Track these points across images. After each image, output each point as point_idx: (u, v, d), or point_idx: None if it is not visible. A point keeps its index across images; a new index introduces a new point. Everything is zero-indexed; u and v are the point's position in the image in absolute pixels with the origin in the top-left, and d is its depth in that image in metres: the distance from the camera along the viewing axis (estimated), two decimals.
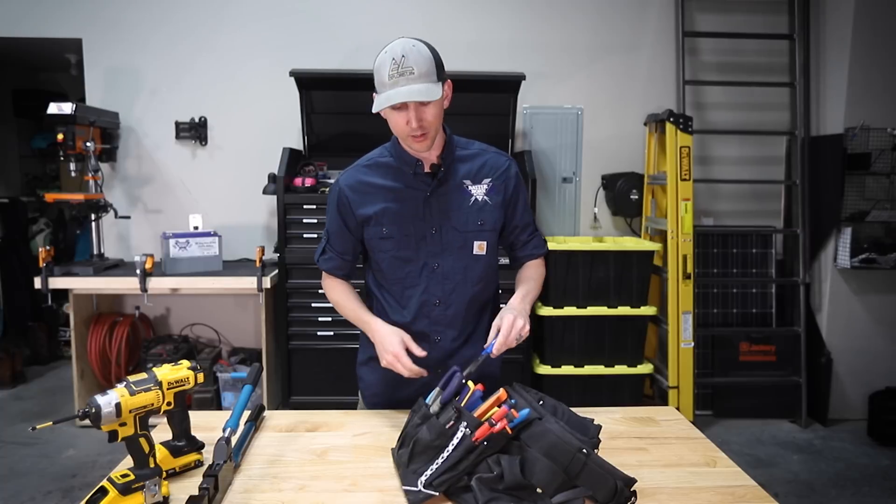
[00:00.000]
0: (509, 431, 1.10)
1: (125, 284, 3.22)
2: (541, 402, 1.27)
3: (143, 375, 1.15)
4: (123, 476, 1.08)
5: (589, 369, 3.27)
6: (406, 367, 1.36)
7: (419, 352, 1.39)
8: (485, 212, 1.47)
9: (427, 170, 1.45)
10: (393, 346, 1.39)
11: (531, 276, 1.57)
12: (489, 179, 1.48)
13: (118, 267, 3.46)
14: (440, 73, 1.35)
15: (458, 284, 1.48)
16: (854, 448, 3.30)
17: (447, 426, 1.12)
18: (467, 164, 1.49)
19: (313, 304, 3.25)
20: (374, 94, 1.36)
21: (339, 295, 1.57)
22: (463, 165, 1.48)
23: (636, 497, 1.10)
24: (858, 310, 3.62)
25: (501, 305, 1.49)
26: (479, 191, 1.47)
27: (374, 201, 1.46)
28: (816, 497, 2.81)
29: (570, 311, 3.22)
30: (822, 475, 3.00)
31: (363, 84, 3.52)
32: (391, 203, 1.46)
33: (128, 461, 1.13)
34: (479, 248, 1.48)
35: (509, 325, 1.36)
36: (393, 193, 1.46)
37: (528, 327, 1.38)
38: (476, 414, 1.14)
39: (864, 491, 2.87)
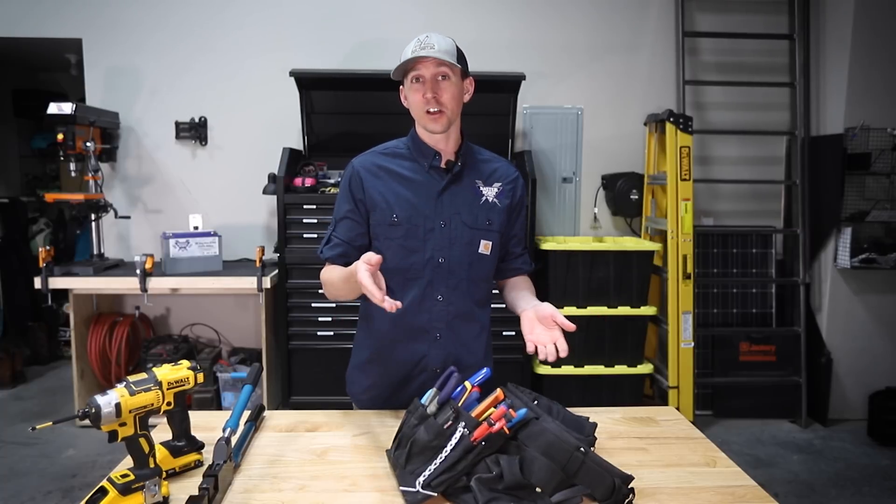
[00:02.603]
0: (507, 431, 1.10)
1: (125, 284, 3.22)
2: (535, 402, 1.27)
3: (143, 375, 1.14)
4: (123, 476, 1.08)
5: (589, 369, 3.27)
6: (365, 262, 1.19)
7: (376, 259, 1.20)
8: (493, 212, 1.50)
9: (443, 165, 1.49)
10: (370, 260, 1.19)
11: (529, 288, 1.57)
12: (500, 184, 1.53)
13: (118, 267, 3.47)
14: (462, 61, 1.44)
15: (462, 281, 1.48)
16: (854, 448, 3.30)
17: (445, 426, 1.12)
18: (480, 167, 1.54)
19: (313, 304, 3.25)
20: (400, 86, 1.48)
21: (333, 273, 1.44)
22: (476, 167, 1.53)
23: (634, 494, 1.10)
24: (858, 310, 3.62)
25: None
26: (490, 192, 1.51)
27: (386, 185, 1.47)
28: (816, 497, 2.81)
29: (570, 311, 3.22)
30: (822, 475, 3.00)
31: (363, 84, 3.58)
32: (404, 190, 1.47)
33: (128, 461, 1.13)
34: (485, 247, 1.49)
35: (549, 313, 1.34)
36: (407, 182, 1.48)
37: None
38: (473, 414, 1.14)
39: (864, 491, 2.87)
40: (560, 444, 1.09)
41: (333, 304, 3.23)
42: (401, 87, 1.49)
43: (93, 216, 3.39)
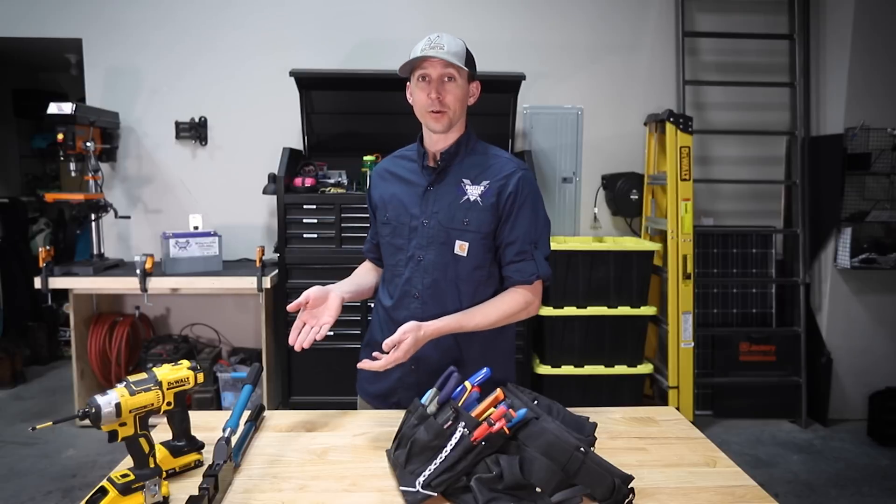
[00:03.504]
0: (507, 431, 1.10)
1: (125, 284, 3.22)
2: (535, 402, 1.27)
3: (143, 375, 1.14)
4: (123, 476, 1.08)
5: (589, 369, 3.27)
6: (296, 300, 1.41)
7: (303, 300, 1.41)
8: (473, 212, 1.45)
9: (431, 163, 1.51)
10: (308, 293, 1.42)
11: (495, 301, 1.48)
12: (488, 181, 1.47)
13: (118, 267, 3.47)
14: (469, 64, 1.46)
15: (438, 281, 1.47)
16: (854, 448, 3.30)
17: (445, 426, 1.12)
18: (474, 165, 1.50)
19: None
20: (407, 83, 1.50)
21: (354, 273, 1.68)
22: (468, 165, 1.50)
23: (634, 494, 1.10)
24: (858, 310, 3.62)
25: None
26: (474, 191, 1.47)
27: (388, 186, 1.56)
28: (816, 497, 2.81)
29: (570, 311, 3.23)
30: (822, 475, 3.00)
31: (363, 84, 3.59)
32: (399, 191, 1.53)
33: (128, 461, 1.13)
34: (461, 248, 1.46)
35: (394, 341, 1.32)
36: (403, 182, 1.54)
37: (401, 353, 1.31)
38: (473, 414, 1.14)
39: (864, 491, 2.87)
40: (560, 444, 1.09)
41: None
42: (407, 83, 1.51)
43: (93, 216, 3.39)
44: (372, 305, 1.69)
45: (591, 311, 3.23)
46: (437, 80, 1.41)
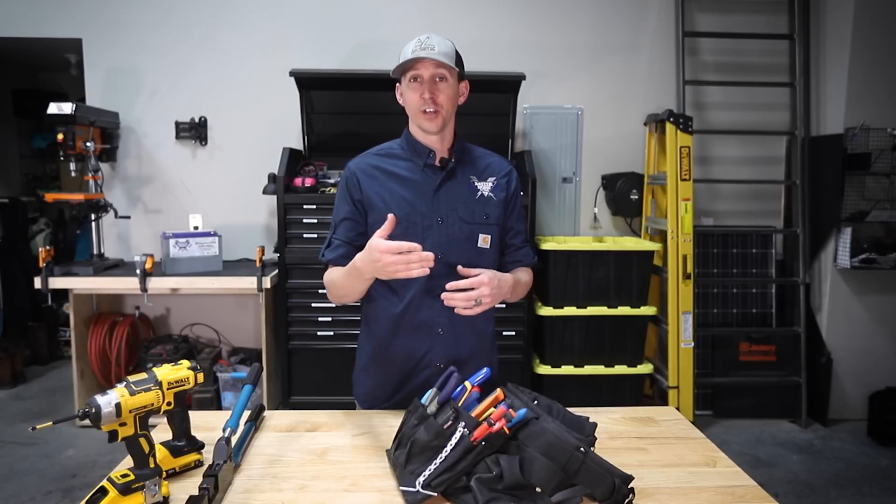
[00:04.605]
0: (507, 431, 1.10)
1: (125, 284, 3.22)
2: (535, 402, 1.27)
3: (143, 375, 1.15)
4: (123, 476, 1.08)
5: (589, 369, 3.27)
6: (408, 247, 1.24)
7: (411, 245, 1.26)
8: (490, 206, 1.53)
9: (437, 163, 1.51)
10: (381, 245, 1.26)
11: (522, 275, 1.60)
12: (494, 178, 1.56)
13: (118, 267, 3.47)
14: (459, 64, 1.48)
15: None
16: (854, 448, 3.30)
17: (445, 426, 1.12)
18: (473, 163, 1.57)
19: (313, 304, 3.25)
20: (397, 84, 1.51)
21: (335, 274, 1.48)
22: (471, 163, 1.56)
23: (634, 494, 1.10)
24: (858, 310, 3.62)
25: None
26: (484, 187, 1.54)
27: (383, 185, 1.50)
28: (816, 497, 2.81)
29: (570, 311, 3.23)
30: (822, 475, 3.00)
31: (363, 84, 3.58)
32: (400, 189, 1.50)
33: (128, 461, 1.13)
34: (484, 241, 1.52)
35: (482, 280, 1.38)
36: (403, 181, 1.51)
37: (489, 294, 1.37)
38: (473, 414, 1.14)
39: (864, 491, 2.87)
40: (560, 444, 1.09)
41: (333, 305, 3.21)
42: (397, 84, 1.52)
43: (93, 216, 3.39)
44: None
45: (591, 311, 3.23)
46: (430, 80, 1.43)
